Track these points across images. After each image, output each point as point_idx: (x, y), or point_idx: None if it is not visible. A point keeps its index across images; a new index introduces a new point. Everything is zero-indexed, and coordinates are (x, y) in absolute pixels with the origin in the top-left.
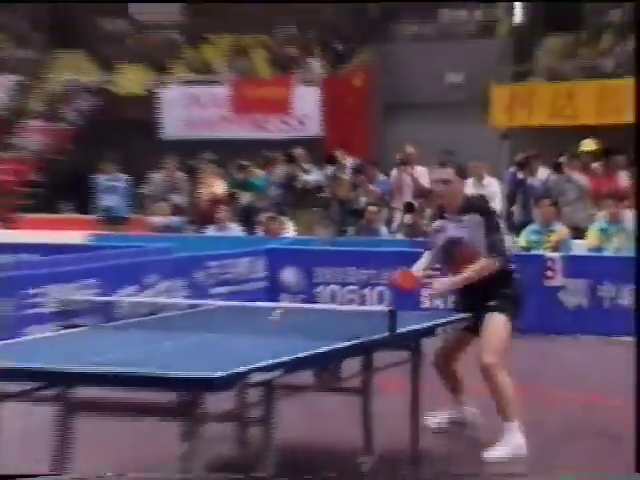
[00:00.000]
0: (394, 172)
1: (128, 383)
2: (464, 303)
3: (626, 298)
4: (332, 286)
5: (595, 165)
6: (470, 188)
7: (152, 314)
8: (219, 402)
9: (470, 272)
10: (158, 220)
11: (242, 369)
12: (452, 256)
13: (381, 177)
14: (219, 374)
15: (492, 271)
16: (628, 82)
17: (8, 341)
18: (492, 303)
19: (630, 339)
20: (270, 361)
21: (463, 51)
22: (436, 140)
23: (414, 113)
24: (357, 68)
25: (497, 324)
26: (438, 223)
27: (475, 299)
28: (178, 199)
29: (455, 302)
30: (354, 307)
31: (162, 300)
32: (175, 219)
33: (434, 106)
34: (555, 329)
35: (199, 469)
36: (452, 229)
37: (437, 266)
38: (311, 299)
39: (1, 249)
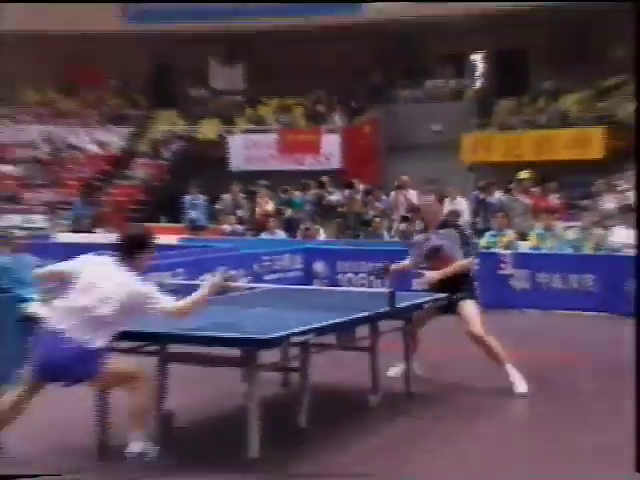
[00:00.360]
0: (393, 194)
1: (207, 342)
2: (438, 289)
3: (557, 283)
4: (349, 274)
5: (534, 189)
6: (447, 205)
7: (223, 294)
8: (270, 356)
9: (453, 268)
10: (227, 228)
11: (285, 333)
12: (433, 259)
13: (384, 197)
14: (270, 336)
15: (467, 270)
16: (558, 132)
17: None
18: (462, 293)
19: (561, 312)
20: (305, 327)
21: (442, 109)
22: (423, 171)
23: (407, 152)
24: (367, 120)
25: (470, 306)
26: (422, 236)
27: (447, 287)
28: (241, 213)
29: (430, 288)
30: (364, 289)
31: (229, 284)
32: (239, 227)
33: (421, 147)
34: (507, 305)
35: (256, 403)
36: (434, 239)
37: (421, 266)
38: (334, 284)
39: None
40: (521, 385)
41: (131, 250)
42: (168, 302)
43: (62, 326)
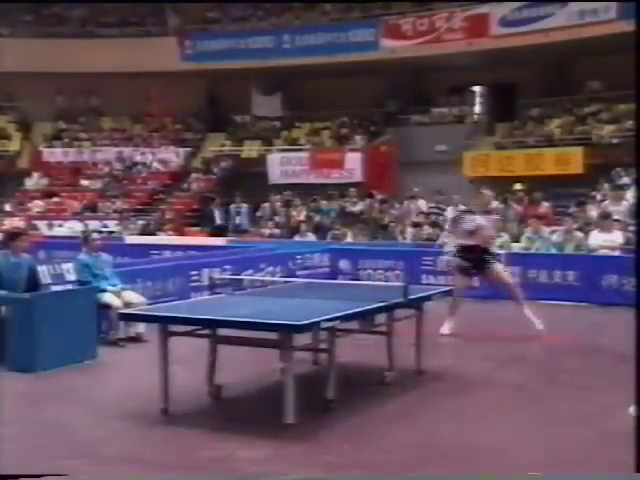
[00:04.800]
0: (405, 203)
1: (251, 327)
2: (469, 258)
3: (543, 278)
4: (369, 270)
5: (525, 199)
6: (450, 212)
7: (263, 287)
8: (302, 339)
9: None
10: (266, 231)
11: (315, 319)
12: (474, 232)
13: (397, 205)
14: (302, 322)
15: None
16: (544, 151)
17: (181, 302)
18: (491, 258)
19: (547, 302)
20: (332, 315)
21: (446, 132)
22: (430, 184)
23: (418, 168)
24: (384, 141)
25: (500, 267)
26: (469, 216)
27: (477, 256)
28: (278, 219)
29: (461, 257)
30: (382, 283)
31: (268, 278)
32: (276, 231)
33: (429, 164)
34: (502, 297)
35: (291, 378)
36: (480, 220)
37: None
38: (356, 279)
39: (178, 248)
40: (539, 324)
41: None
42: None
43: None
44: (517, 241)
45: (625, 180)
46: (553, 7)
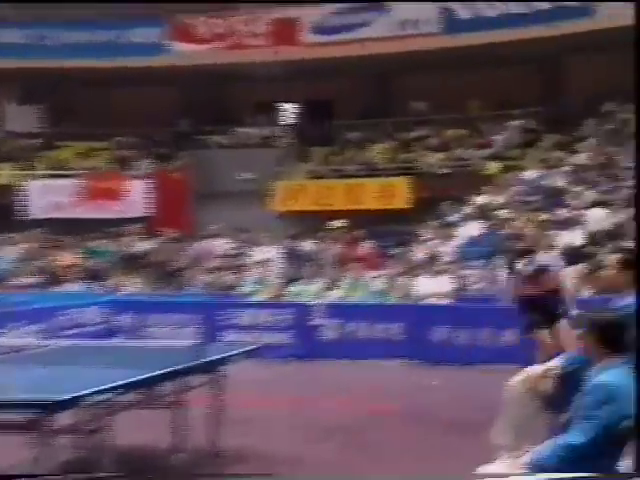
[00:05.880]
0: (202, 243)
1: None
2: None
3: (363, 332)
4: (156, 327)
5: (344, 238)
6: (258, 254)
7: (15, 352)
8: (68, 417)
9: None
10: (23, 281)
11: (81, 392)
12: (537, 276)
13: (193, 246)
14: (63, 397)
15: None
16: (366, 182)
17: None
18: (561, 309)
19: (369, 361)
20: (104, 385)
21: (253, 156)
22: (234, 219)
23: (219, 200)
24: (176, 167)
25: (567, 327)
26: (526, 257)
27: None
28: (38, 264)
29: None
30: (172, 343)
31: (22, 341)
32: (37, 279)
33: (232, 194)
34: (316, 355)
35: (46, 470)
36: (543, 259)
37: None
38: (140, 337)
39: None
40: None
41: None
42: None
43: None
44: (335, 287)
45: (454, 217)
46: (371, 15)
